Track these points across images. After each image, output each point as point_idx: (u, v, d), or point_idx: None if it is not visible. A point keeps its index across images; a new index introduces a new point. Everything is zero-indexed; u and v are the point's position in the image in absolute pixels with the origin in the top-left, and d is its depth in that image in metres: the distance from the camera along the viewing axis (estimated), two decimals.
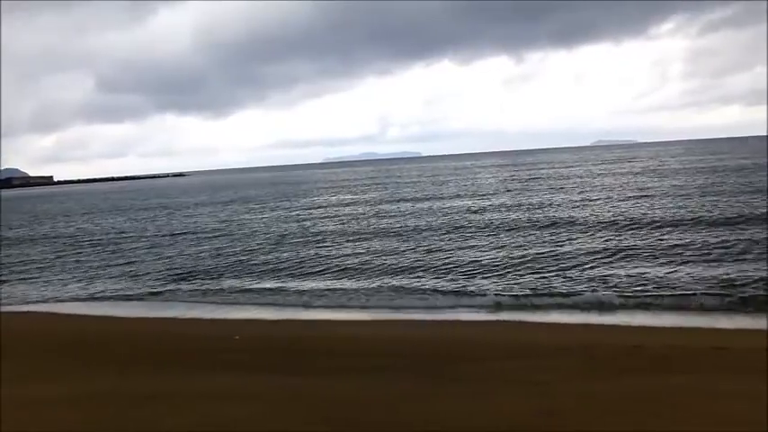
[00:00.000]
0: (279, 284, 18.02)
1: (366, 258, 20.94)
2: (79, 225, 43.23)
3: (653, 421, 5.60)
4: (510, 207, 34.46)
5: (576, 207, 31.99)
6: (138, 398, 6.92)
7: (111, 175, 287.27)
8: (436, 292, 15.67)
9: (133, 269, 22.41)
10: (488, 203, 37.74)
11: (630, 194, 36.78)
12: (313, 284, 17.71)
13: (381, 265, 19.45)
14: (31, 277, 22.31)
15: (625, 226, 23.92)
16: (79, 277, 21.66)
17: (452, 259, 19.62)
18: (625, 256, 18.29)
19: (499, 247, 21.18)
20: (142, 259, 24.57)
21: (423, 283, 16.63)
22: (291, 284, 17.90)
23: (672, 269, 16.10)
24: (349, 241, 25.39)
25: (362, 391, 7.20)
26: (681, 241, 19.76)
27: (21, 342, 11.24)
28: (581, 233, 23.04)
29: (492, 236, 24.00)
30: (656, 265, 16.69)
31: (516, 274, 16.95)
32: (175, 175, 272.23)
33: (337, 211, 40.48)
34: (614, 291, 14.39)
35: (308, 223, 33.84)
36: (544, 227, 25.32)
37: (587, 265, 17.25)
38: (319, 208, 44.04)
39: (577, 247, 20.25)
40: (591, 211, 29.42)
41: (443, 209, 36.11)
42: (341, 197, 54.83)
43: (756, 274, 14.74)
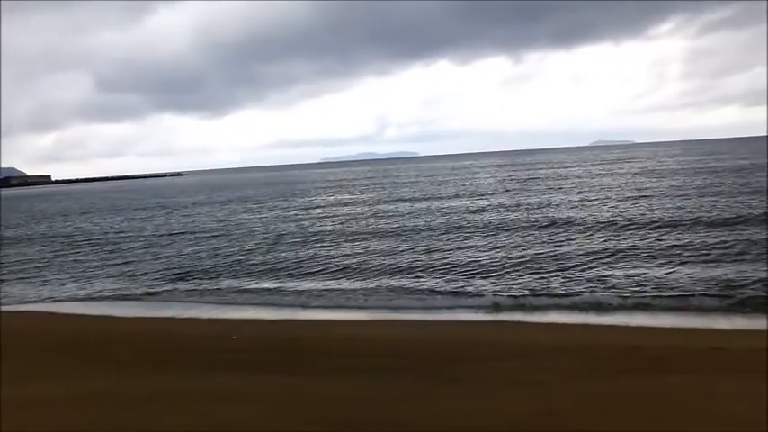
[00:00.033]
0: (277, 284, 18.02)
1: (364, 258, 20.94)
2: (77, 224, 43.19)
3: (651, 421, 5.60)
4: (508, 207, 34.48)
5: (575, 207, 32.03)
6: (137, 398, 6.91)
7: (110, 175, 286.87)
8: (435, 292, 15.67)
9: (131, 269, 22.39)
10: (487, 203, 37.75)
11: (629, 195, 36.83)
12: (311, 284, 17.70)
13: (379, 266, 19.46)
14: (28, 277, 22.28)
15: (624, 226, 23.95)
16: (77, 277, 21.64)
17: (451, 259, 19.62)
18: (624, 256, 18.33)
19: (498, 248, 21.20)
20: (140, 259, 24.55)
21: (421, 284, 16.63)
22: (290, 284, 17.90)
23: (670, 270, 16.13)
24: (347, 241, 25.39)
25: (361, 391, 7.20)
26: (679, 242, 19.80)
27: (19, 342, 11.21)
28: (579, 233, 23.07)
29: (490, 236, 24.02)
30: (654, 266, 16.72)
31: (515, 274, 16.97)
32: (173, 175, 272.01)
33: (335, 211, 40.48)
34: (613, 291, 14.41)
35: (307, 223, 33.83)
36: (543, 227, 25.35)
37: (586, 266, 17.27)
38: (317, 208, 44.03)
39: (576, 247, 20.28)
40: (589, 212, 29.46)
41: (442, 209, 36.12)
42: (339, 197, 54.82)
43: (754, 274, 14.77)
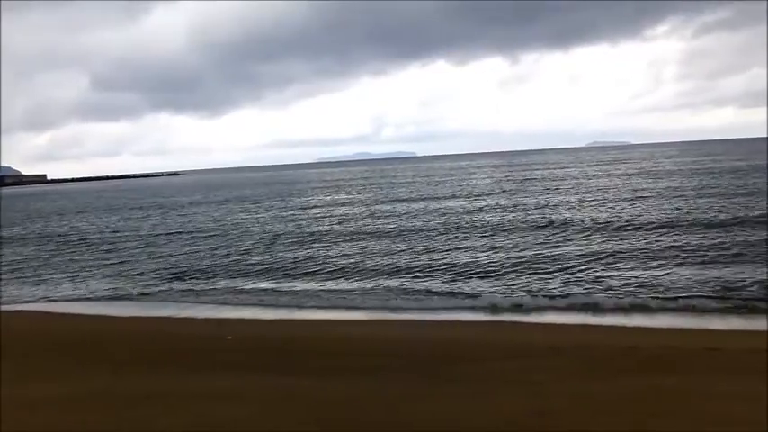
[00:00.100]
0: (273, 284, 17.99)
1: (361, 259, 20.93)
2: (73, 224, 43.07)
3: (647, 421, 5.60)
4: (505, 208, 34.51)
5: (572, 208, 32.08)
6: (133, 398, 6.89)
7: (106, 174, 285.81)
8: (432, 292, 15.67)
9: (127, 268, 22.33)
10: (484, 204, 37.79)
11: (626, 196, 36.93)
12: (307, 285, 17.68)
13: (376, 266, 19.44)
14: (24, 276, 22.21)
15: (620, 227, 24.00)
16: (73, 276, 21.58)
17: (448, 260, 19.62)
18: (620, 257, 18.35)
19: (495, 248, 21.20)
20: (136, 259, 24.49)
21: (418, 284, 16.62)
22: (286, 284, 17.87)
23: (667, 271, 16.17)
24: (344, 241, 25.37)
25: (357, 392, 7.18)
26: (676, 243, 19.85)
27: (17, 341, 11.17)
28: (577, 234, 23.10)
29: (488, 237, 24.03)
30: (651, 267, 16.75)
31: (512, 275, 16.97)
32: (170, 174, 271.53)
33: (332, 211, 40.45)
34: (609, 292, 14.44)
35: (303, 223, 33.81)
36: (540, 228, 25.38)
37: (583, 267, 17.29)
38: (314, 208, 44.00)
39: (573, 248, 20.31)
40: (586, 213, 29.51)
41: (438, 209, 36.14)
42: (335, 197, 54.80)
43: (751, 276, 14.82)
